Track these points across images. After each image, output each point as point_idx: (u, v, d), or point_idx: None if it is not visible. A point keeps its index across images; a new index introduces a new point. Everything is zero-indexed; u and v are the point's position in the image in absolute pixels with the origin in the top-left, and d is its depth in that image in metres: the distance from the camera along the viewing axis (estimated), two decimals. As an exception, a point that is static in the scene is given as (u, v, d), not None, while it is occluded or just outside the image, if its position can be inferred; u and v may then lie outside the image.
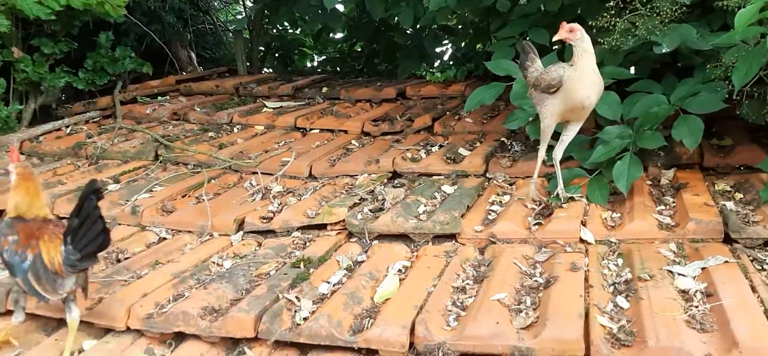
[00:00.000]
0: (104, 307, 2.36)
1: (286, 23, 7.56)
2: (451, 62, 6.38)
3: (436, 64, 6.60)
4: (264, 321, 2.18)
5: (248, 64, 6.58)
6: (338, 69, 7.45)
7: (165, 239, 3.07)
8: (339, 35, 7.64)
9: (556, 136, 3.01)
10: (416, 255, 2.72)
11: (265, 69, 7.36)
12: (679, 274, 2.29)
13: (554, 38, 2.77)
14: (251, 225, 3.06)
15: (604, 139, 3.09)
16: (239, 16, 7.52)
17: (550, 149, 3.02)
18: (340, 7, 6.74)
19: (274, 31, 7.59)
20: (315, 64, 8.02)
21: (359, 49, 7.64)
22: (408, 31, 6.34)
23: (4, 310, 2.47)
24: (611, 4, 3.13)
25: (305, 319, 2.21)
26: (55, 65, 4.90)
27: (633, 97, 3.30)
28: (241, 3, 7.61)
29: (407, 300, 2.28)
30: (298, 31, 7.79)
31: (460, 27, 6.44)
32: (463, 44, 6.37)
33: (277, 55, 7.74)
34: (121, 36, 5.57)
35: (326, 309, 2.21)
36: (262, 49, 7.38)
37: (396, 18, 6.04)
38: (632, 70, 3.73)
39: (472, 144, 3.86)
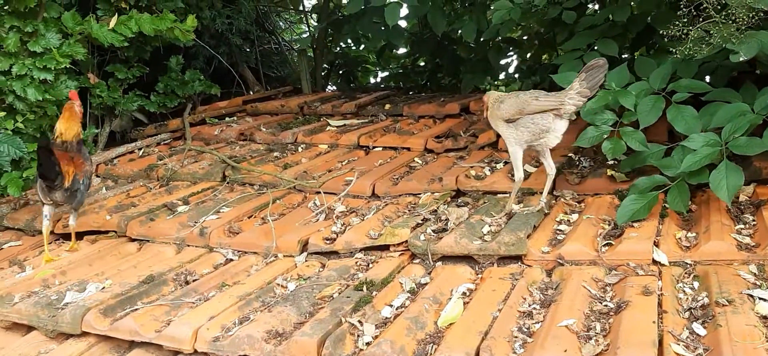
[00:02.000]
0: (173, 329, 2.41)
1: (349, 41, 7.62)
2: (515, 75, 6.29)
3: (500, 76, 6.51)
4: (327, 346, 2.17)
5: (312, 82, 6.66)
6: (401, 84, 7.45)
7: (231, 260, 3.12)
8: (402, 50, 7.64)
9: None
10: (480, 277, 2.66)
11: (329, 86, 7.43)
12: (760, 299, 2.16)
13: None
14: (315, 246, 3.06)
15: (690, 147, 2.93)
16: (304, 35, 7.63)
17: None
18: (403, 23, 6.74)
19: (338, 49, 7.66)
20: (378, 79, 8.05)
21: (422, 64, 7.62)
22: (471, 45, 6.28)
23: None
24: (683, 12, 3.01)
25: (368, 344, 2.19)
26: (128, 89, 5.09)
27: (709, 107, 3.14)
28: (305, 22, 7.73)
29: (471, 325, 2.23)
30: (361, 48, 7.84)
31: (524, 38, 6.33)
32: (528, 56, 6.25)
33: (340, 72, 7.81)
34: (190, 59, 5.75)
35: (389, 334, 2.18)
36: (326, 66, 7.46)
37: (459, 32, 6.00)
38: (707, 79, 3.57)
39: (537, 160, 3.76)
